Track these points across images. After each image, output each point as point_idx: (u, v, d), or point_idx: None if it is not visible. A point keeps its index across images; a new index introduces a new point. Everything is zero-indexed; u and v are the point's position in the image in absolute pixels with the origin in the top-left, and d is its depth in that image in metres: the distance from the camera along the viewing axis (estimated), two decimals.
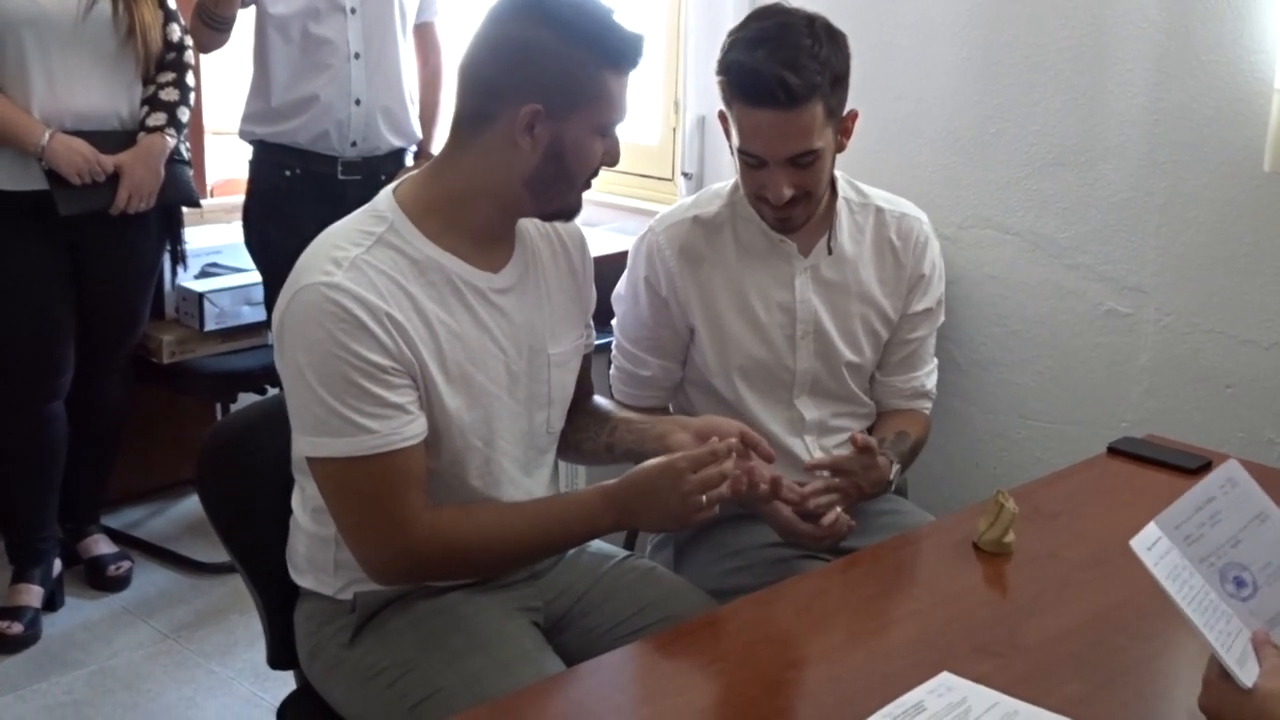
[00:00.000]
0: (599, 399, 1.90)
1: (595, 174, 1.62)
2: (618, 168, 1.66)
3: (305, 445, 1.54)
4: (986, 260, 2.72)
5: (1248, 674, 1.14)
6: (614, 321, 2.13)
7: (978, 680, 1.35)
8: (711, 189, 2.10)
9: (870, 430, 2.16)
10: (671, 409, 2.13)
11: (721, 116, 1.94)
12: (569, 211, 1.65)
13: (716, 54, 1.91)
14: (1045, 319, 2.65)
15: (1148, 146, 2.45)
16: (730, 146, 1.94)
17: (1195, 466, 1.97)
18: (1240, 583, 1.20)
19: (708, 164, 3.22)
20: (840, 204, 2.03)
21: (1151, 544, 1.20)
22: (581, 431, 1.82)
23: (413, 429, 1.53)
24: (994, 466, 2.76)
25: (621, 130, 1.62)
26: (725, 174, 3.03)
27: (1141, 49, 2.43)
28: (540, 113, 1.52)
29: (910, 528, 1.93)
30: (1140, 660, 1.45)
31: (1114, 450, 2.05)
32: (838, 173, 2.02)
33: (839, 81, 1.86)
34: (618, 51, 1.55)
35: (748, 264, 2.02)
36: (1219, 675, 1.16)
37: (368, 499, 1.52)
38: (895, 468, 1.97)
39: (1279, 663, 1.15)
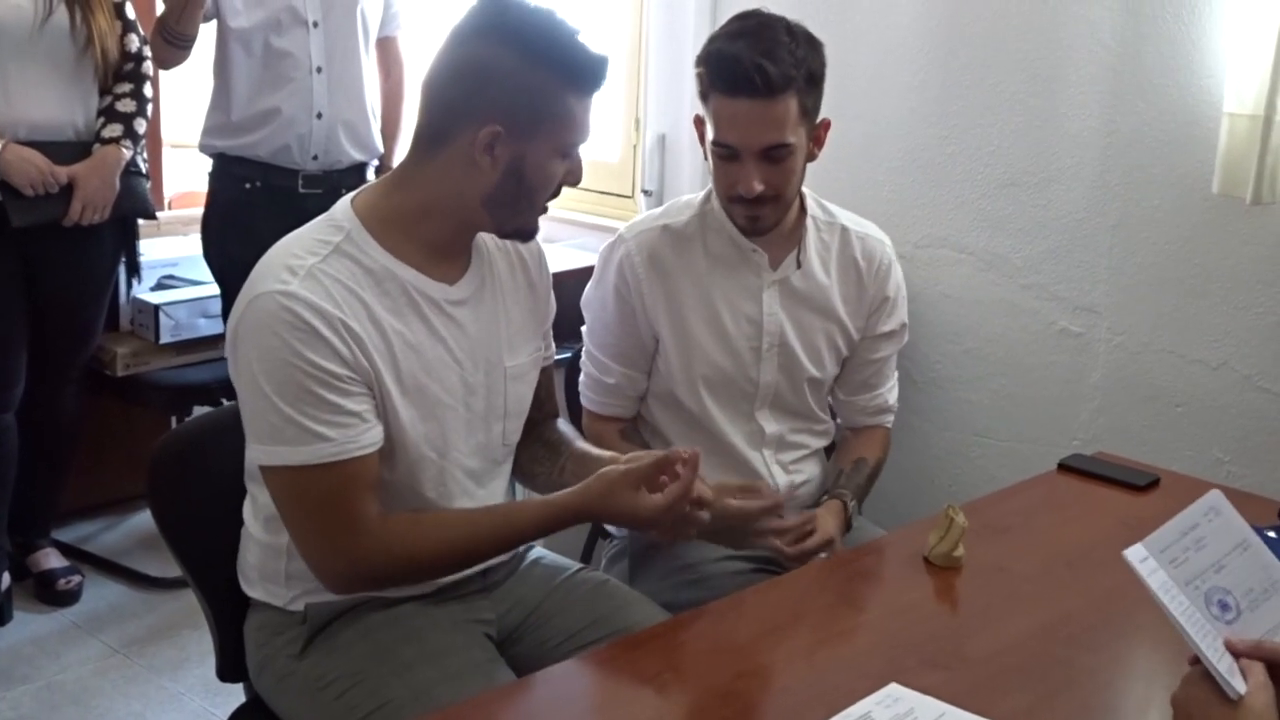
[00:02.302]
0: (561, 425, 1.89)
1: (556, 194, 1.63)
2: (578, 185, 1.67)
3: (260, 454, 1.53)
4: (942, 279, 2.75)
5: (1237, 684, 1.16)
6: (584, 328, 2.14)
7: (925, 691, 1.36)
8: (682, 200, 2.12)
9: (829, 450, 2.18)
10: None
11: (697, 121, 1.96)
12: (526, 231, 1.66)
13: (678, 72, 1.93)
14: (999, 338, 2.68)
15: (1100, 168, 2.49)
16: (704, 150, 1.96)
17: (1144, 483, 2.00)
18: (1225, 606, 1.22)
19: (668, 181, 3.24)
20: (809, 221, 2.05)
21: (1142, 559, 1.22)
22: (537, 464, 1.82)
23: (369, 437, 1.53)
24: (949, 484, 2.78)
25: (583, 148, 1.62)
26: (685, 191, 3.06)
27: (1094, 73, 2.47)
28: (500, 134, 1.52)
29: (862, 543, 1.94)
30: (1085, 672, 1.46)
31: (1064, 467, 2.07)
32: (806, 190, 2.04)
33: (813, 81, 1.89)
34: (581, 73, 1.55)
35: (716, 275, 2.03)
36: (1201, 675, 1.18)
37: (322, 507, 1.51)
38: (853, 504, 2.02)
39: (1264, 680, 1.17)
